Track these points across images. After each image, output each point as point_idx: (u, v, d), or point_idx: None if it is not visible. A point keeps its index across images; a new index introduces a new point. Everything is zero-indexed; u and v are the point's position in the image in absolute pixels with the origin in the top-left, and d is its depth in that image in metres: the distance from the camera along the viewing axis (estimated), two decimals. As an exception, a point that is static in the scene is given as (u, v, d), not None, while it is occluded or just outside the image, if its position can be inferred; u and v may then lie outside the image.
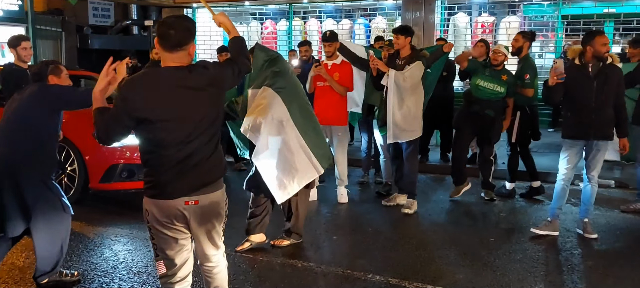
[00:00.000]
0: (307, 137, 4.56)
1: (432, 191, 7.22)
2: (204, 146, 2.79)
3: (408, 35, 6.07)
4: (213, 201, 2.88)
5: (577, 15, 11.67)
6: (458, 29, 12.40)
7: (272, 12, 14.26)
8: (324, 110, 6.32)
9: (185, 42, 2.73)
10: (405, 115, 5.92)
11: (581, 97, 5.12)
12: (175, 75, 2.71)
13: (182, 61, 2.75)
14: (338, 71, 6.40)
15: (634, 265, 4.68)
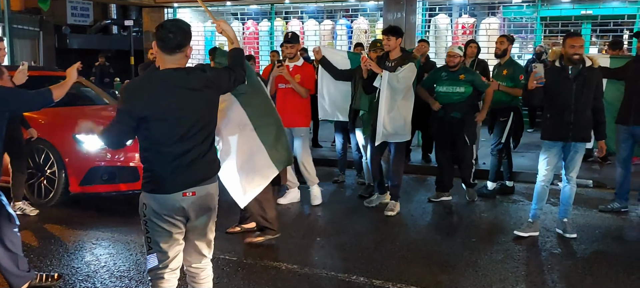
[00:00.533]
0: (265, 140, 4.60)
1: (415, 191, 7.27)
2: (200, 144, 2.93)
3: (398, 36, 5.99)
4: (209, 193, 3.02)
5: (556, 16, 11.86)
6: (439, 30, 12.51)
7: (253, 13, 14.23)
8: (285, 113, 6.21)
9: (183, 44, 2.88)
10: (395, 117, 5.87)
11: (560, 99, 5.18)
12: (174, 77, 2.86)
13: (180, 62, 2.90)
14: (299, 73, 6.37)
15: (612, 264, 4.76)
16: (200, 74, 2.95)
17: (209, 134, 3.01)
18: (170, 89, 2.83)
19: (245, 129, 4.52)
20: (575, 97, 5.13)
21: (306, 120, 6.56)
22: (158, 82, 2.85)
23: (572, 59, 5.11)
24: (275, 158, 4.65)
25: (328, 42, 13.44)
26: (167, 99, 2.82)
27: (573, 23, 11.88)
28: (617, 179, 6.22)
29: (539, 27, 11.86)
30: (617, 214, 6.15)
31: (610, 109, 6.11)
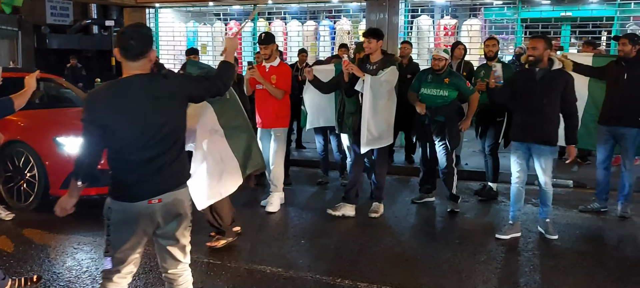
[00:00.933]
0: (234, 147, 4.62)
1: (398, 193, 7.30)
2: (166, 152, 2.90)
3: (379, 38, 5.91)
4: (177, 199, 2.98)
5: (536, 18, 11.98)
6: (421, 31, 12.57)
7: (236, 13, 14.17)
8: (262, 113, 6.30)
9: (146, 50, 2.86)
10: (379, 123, 5.82)
11: (525, 100, 5.21)
12: (136, 84, 2.83)
13: (144, 68, 2.87)
14: (275, 73, 6.28)
15: (593, 264, 4.83)
16: (163, 80, 2.92)
17: (177, 140, 2.97)
18: (132, 97, 2.80)
19: (216, 134, 4.53)
20: (539, 99, 5.12)
21: (284, 121, 6.42)
22: (119, 90, 2.83)
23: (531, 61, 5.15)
24: (243, 166, 4.69)
25: (311, 43, 13.44)
26: (129, 107, 2.79)
27: (553, 25, 12.03)
28: (597, 180, 6.30)
29: (520, 28, 11.98)
30: (597, 214, 6.24)
31: (593, 110, 6.20)
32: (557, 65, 5.18)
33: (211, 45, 14.21)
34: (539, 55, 5.08)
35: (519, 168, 5.35)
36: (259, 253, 5.03)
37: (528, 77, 5.20)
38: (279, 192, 6.45)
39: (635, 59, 5.82)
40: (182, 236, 3.10)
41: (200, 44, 14.17)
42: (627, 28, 11.43)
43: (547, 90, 5.10)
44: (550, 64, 5.16)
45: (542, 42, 5.12)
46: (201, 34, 14.38)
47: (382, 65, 5.83)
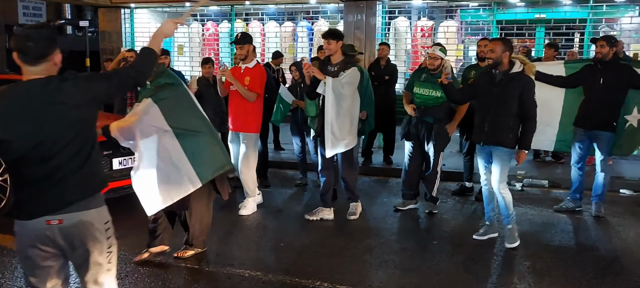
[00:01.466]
0: (188, 149, 4.30)
1: (377, 194, 7.31)
2: (69, 161, 2.64)
3: (339, 39, 5.82)
4: (83, 221, 2.69)
5: (511, 20, 12.14)
6: (399, 32, 12.64)
7: (213, 14, 14.07)
8: (233, 116, 6.20)
9: (47, 52, 2.61)
10: (342, 124, 5.74)
11: (483, 102, 5.24)
12: (30, 90, 2.58)
13: (48, 72, 2.63)
14: (249, 75, 6.15)
15: (568, 264, 4.90)
16: (60, 84, 2.61)
17: (80, 149, 2.67)
18: (26, 104, 2.55)
19: (165, 135, 4.26)
20: (495, 101, 5.09)
21: (255, 126, 6.26)
22: (11, 97, 2.58)
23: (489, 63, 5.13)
24: (200, 169, 4.34)
25: (289, 44, 13.42)
26: (22, 116, 2.55)
27: (527, 26, 12.19)
28: (572, 179, 6.40)
29: (495, 30, 12.13)
30: (572, 214, 6.33)
31: (569, 113, 6.27)
32: (517, 67, 5.09)
33: (188, 46, 14.09)
34: (497, 57, 5.02)
35: (485, 169, 5.36)
36: (238, 257, 4.99)
37: (487, 79, 5.20)
38: (252, 196, 6.36)
39: (610, 62, 5.91)
40: (95, 265, 2.76)
41: (177, 45, 14.06)
42: (599, 30, 11.65)
43: (503, 92, 5.04)
44: (510, 66, 5.09)
45: (499, 44, 5.06)
46: (177, 34, 14.25)
47: (344, 67, 5.76)
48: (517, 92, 5.02)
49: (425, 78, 6.13)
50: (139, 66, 2.90)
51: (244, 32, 6.47)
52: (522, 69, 5.10)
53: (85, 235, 2.70)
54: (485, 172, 5.36)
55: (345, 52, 5.97)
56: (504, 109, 5.05)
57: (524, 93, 5.02)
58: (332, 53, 5.82)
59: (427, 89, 6.09)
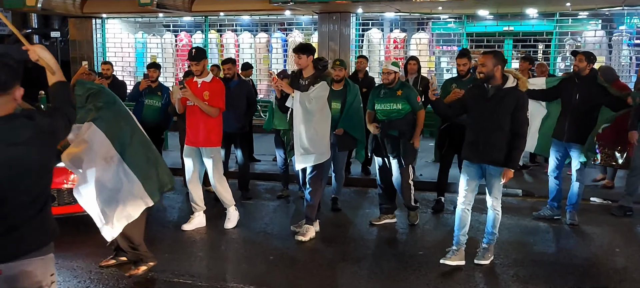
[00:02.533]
0: (136, 168, 4.38)
1: (358, 205, 7.42)
2: (23, 208, 2.46)
3: (310, 53, 5.86)
4: (24, 271, 2.46)
5: (481, 32, 12.49)
6: (372, 44, 12.85)
7: (187, 25, 14.03)
8: (193, 132, 6.13)
9: (9, 85, 2.44)
10: (311, 138, 5.72)
11: (475, 117, 5.09)
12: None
13: (6, 108, 2.45)
14: (208, 89, 6.11)
15: (549, 272, 5.09)
16: (26, 122, 2.46)
17: (38, 196, 2.51)
18: None
19: (113, 160, 4.27)
20: (488, 117, 4.94)
21: (217, 139, 6.24)
22: None
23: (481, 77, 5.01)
24: (150, 188, 4.46)
25: (263, 55, 13.49)
26: None
27: (496, 39, 12.55)
28: (550, 188, 6.64)
29: (465, 42, 12.46)
30: (550, 221, 6.57)
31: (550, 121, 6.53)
32: (510, 82, 4.93)
33: (161, 56, 14.01)
34: (489, 71, 4.89)
35: (467, 187, 5.11)
36: (230, 271, 5.03)
37: (479, 94, 5.04)
38: (231, 205, 6.38)
39: (587, 77, 6.17)
40: None
41: (150, 56, 13.96)
42: (565, 42, 12.10)
43: (497, 108, 4.89)
44: (504, 80, 4.95)
45: (490, 58, 4.91)
46: (151, 45, 14.17)
47: (314, 81, 5.78)
48: (511, 108, 4.86)
49: (384, 93, 6.22)
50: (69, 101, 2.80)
51: (199, 48, 6.38)
52: (516, 83, 4.94)
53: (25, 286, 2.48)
54: (467, 190, 5.12)
55: (316, 66, 6.03)
56: (499, 125, 4.88)
57: (517, 109, 4.87)
58: (302, 67, 5.86)
59: (387, 103, 6.17)
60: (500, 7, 11.17)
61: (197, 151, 6.21)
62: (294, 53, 5.95)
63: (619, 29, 11.72)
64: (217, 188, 6.31)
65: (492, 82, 4.94)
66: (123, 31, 14.29)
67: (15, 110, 2.51)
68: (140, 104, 8.03)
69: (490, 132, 4.92)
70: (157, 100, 8.04)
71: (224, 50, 13.70)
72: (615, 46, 11.69)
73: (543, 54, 12.43)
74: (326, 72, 6.22)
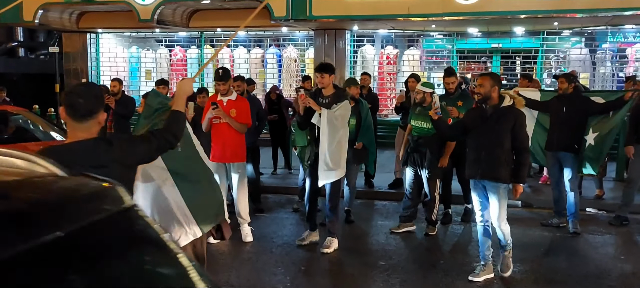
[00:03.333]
0: (189, 199, 4.10)
1: (369, 217, 7.73)
2: None
3: (332, 73, 6.10)
4: None
5: (471, 49, 12.99)
6: (366, 60, 13.20)
7: (183, 39, 14.17)
8: (220, 148, 6.34)
9: (95, 110, 2.71)
10: (333, 154, 5.94)
11: (475, 137, 5.27)
12: (77, 151, 2.63)
13: (91, 131, 2.71)
14: (234, 107, 6.35)
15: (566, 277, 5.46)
16: (107, 147, 2.71)
17: None
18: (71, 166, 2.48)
19: (165, 181, 4.06)
20: (487, 136, 5.13)
21: (244, 154, 6.55)
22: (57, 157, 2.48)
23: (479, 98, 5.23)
24: (201, 217, 4.15)
25: (259, 70, 13.72)
26: None
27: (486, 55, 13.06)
28: (554, 199, 7.10)
29: (455, 58, 12.94)
30: (557, 230, 6.98)
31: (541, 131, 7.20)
32: (507, 102, 5.15)
33: (155, 71, 14.12)
34: (486, 92, 5.09)
35: (480, 206, 5.32)
36: (267, 281, 5.25)
37: (478, 114, 5.24)
38: (246, 223, 6.58)
39: (571, 95, 6.82)
40: None
41: (145, 70, 14.06)
42: (551, 59, 12.67)
43: (495, 126, 5.09)
44: (500, 100, 5.15)
45: (488, 80, 5.13)
46: (146, 60, 14.27)
47: (335, 99, 5.98)
48: (509, 126, 5.07)
49: (419, 111, 6.64)
50: (175, 130, 3.10)
51: (225, 68, 6.63)
52: (512, 103, 5.16)
53: None
54: (480, 208, 5.33)
55: (336, 85, 6.29)
56: (497, 144, 5.08)
57: (516, 127, 5.08)
58: (324, 86, 6.05)
59: (419, 121, 6.60)
60: (491, 25, 11.65)
61: (224, 167, 6.42)
62: (316, 72, 6.20)
63: (601, 47, 12.33)
64: (239, 201, 6.52)
65: (490, 102, 5.14)
66: (117, 46, 14.36)
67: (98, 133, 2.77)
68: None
69: (491, 149, 5.11)
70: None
71: (219, 65, 13.88)
72: (598, 63, 12.29)
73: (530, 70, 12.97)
74: (346, 92, 6.48)
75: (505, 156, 5.09)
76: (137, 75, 14.40)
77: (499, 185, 5.12)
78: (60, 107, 2.73)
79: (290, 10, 10.95)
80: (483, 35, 12.61)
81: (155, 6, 11.40)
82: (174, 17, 12.17)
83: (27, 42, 18.45)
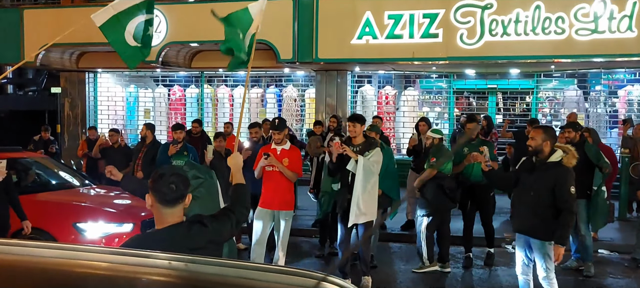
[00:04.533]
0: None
1: (389, 260, 7.80)
2: None
3: (363, 123, 6.44)
4: None
5: (468, 88, 13.31)
6: (366, 100, 13.41)
7: (183, 79, 14.20)
8: (270, 195, 6.43)
9: (185, 194, 2.72)
10: (366, 200, 6.16)
11: (520, 189, 5.19)
12: (174, 237, 2.62)
13: (180, 215, 2.72)
14: (287, 156, 6.45)
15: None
16: (201, 228, 2.72)
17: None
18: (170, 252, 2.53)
19: None
20: (530, 190, 5.02)
21: (292, 203, 6.66)
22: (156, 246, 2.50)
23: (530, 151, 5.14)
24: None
25: (260, 109, 13.79)
26: None
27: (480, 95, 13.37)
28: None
29: (452, 97, 13.23)
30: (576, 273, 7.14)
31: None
32: (555, 157, 4.97)
33: (154, 109, 14.09)
34: (537, 146, 4.99)
35: (520, 260, 5.23)
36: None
37: (526, 167, 5.18)
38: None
39: (579, 143, 6.74)
40: None
41: (144, 110, 14.02)
42: (545, 100, 13.06)
43: (538, 181, 4.97)
44: (550, 154, 5.00)
45: (540, 133, 5.03)
46: (144, 99, 14.25)
47: (367, 147, 6.27)
48: (551, 183, 4.88)
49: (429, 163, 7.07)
50: (243, 202, 3.19)
51: (281, 118, 6.79)
52: (560, 159, 4.95)
53: None
54: (521, 264, 5.22)
55: (366, 135, 6.55)
56: (538, 200, 4.93)
57: (558, 184, 4.86)
58: (356, 135, 6.33)
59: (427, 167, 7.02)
60: (489, 67, 11.98)
61: (271, 214, 6.44)
62: (349, 122, 6.45)
63: (595, 88, 12.76)
64: (283, 247, 6.53)
65: (540, 155, 5.01)
66: (116, 84, 14.31)
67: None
68: (168, 168, 8.15)
69: (531, 205, 4.98)
70: (184, 160, 8.17)
71: (218, 104, 13.94)
72: (592, 104, 12.71)
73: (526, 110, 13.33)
74: (375, 140, 6.64)
75: (546, 213, 4.89)
76: (135, 114, 14.33)
77: (540, 242, 4.96)
78: (147, 194, 2.69)
79: (297, 53, 11.12)
80: (480, 76, 12.95)
81: (160, 48, 11.45)
82: (177, 58, 12.24)
83: (15, 79, 18.21)
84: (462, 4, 10.32)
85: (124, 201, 6.86)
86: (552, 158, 4.95)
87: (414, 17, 10.58)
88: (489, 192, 7.31)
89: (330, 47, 11.03)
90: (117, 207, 6.63)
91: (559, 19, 9.89)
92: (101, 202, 6.73)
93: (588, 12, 9.75)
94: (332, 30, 10.96)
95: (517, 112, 13.57)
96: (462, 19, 10.35)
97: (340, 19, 10.93)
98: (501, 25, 10.17)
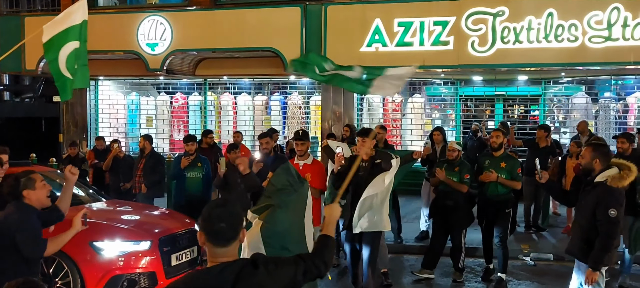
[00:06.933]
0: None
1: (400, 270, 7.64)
2: None
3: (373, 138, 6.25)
4: None
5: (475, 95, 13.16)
6: (372, 107, 13.26)
7: (185, 86, 13.98)
8: None
9: (238, 232, 2.53)
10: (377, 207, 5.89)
11: (576, 210, 5.07)
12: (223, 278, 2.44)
13: (234, 253, 2.54)
14: (310, 171, 6.24)
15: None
16: (252, 271, 2.50)
17: None
18: None
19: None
20: (580, 212, 4.86)
21: (317, 219, 6.17)
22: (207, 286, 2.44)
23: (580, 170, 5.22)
24: None
25: (265, 117, 13.59)
26: None
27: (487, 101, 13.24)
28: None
29: (458, 104, 13.09)
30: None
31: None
32: (601, 176, 4.68)
33: (156, 117, 13.87)
34: (586, 164, 4.82)
35: (575, 284, 4.91)
36: None
37: (577, 187, 5.04)
38: None
39: (632, 156, 6.63)
40: None
41: (146, 117, 13.79)
42: (552, 107, 12.96)
43: (583, 202, 4.81)
44: (603, 171, 4.72)
45: (590, 151, 4.81)
46: (146, 106, 14.03)
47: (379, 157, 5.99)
48: (592, 204, 4.65)
49: (446, 167, 7.07)
50: (326, 256, 2.84)
51: (304, 130, 6.58)
52: (605, 180, 4.63)
53: None
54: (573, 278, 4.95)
55: (376, 146, 6.37)
56: (582, 221, 4.78)
57: (599, 205, 4.60)
58: (367, 149, 6.01)
59: (448, 175, 7.00)
60: (498, 74, 11.86)
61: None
62: (358, 137, 6.22)
63: (603, 95, 12.67)
64: None
65: (592, 174, 4.79)
66: (117, 92, 14.08)
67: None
68: (182, 179, 7.92)
69: (579, 226, 4.86)
70: (198, 172, 7.98)
71: (221, 112, 13.74)
72: (601, 111, 12.62)
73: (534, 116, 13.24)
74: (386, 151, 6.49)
75: (591, 236, 4.65)
76: (136, 122, 14.10)
77: (585, 266, 4.72)
78: (198, 232, 2.52)
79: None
80: (487, 83, 12.83)
81: (165, 57, 11.24)
82: (182, 66, 12.04)
83: (12, 86, 17.93)
84: (474, 11, 10.20)
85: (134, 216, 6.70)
86: (598, 178, 4.69)
87: (424, 25, 10.45)
88: (505, 207, 7.00)
89: (339, 54, 10.79)
90: (132, 223, 6.43)
91: (572, 27, 9.79)
92: (115, 218, 6.51)
93: (601, 19, 9.66)
94: (340, 38, 10.80)
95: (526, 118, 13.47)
96: (474, 26, 10.23)
97: (349, 26, 10.78)
98: (513, 33, 10.07)
